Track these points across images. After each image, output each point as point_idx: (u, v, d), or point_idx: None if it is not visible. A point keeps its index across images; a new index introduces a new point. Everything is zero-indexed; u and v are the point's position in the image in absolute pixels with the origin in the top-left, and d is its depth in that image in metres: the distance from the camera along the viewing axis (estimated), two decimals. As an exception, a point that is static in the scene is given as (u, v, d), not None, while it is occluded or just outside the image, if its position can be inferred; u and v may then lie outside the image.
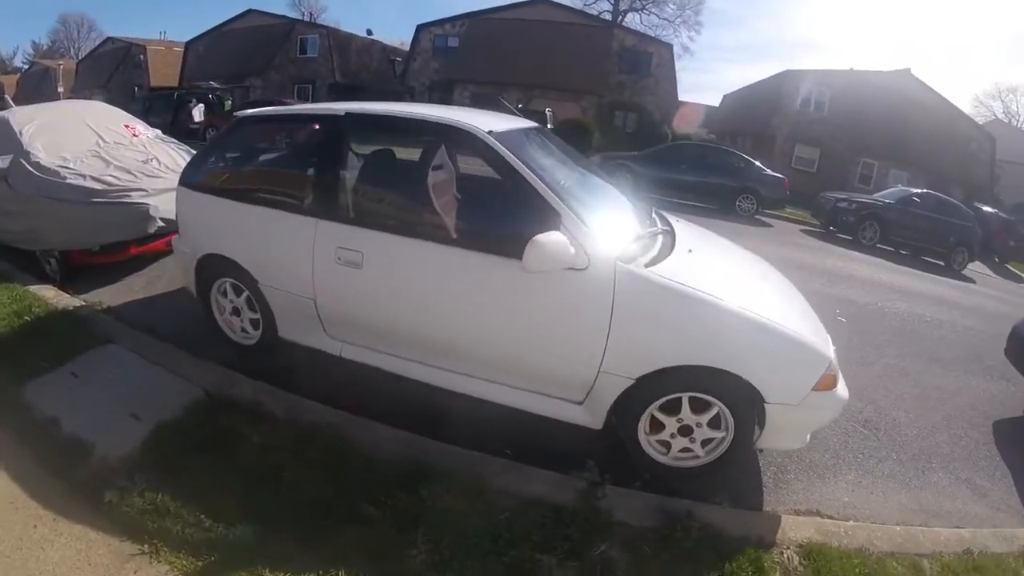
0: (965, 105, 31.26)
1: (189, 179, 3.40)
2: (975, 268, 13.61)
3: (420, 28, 27.96)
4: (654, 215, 3.29)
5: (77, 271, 4.34)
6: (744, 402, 2.35)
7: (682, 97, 27.23)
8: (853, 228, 12.78)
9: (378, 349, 2.94)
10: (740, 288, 2.62)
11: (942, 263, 12.81)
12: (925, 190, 13.99)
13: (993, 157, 24.14)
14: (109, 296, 4.11)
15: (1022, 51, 68.38)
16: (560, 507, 2.17)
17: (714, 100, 33.03)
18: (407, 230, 2.69)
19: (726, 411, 2.40)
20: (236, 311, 3.33)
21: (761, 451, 2.75)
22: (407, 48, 30.45)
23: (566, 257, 2.23)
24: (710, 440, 2.49)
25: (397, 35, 63.57)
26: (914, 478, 3.28)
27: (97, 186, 4.05)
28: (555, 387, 2.57)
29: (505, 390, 2.65)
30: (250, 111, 3.55)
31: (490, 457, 2.55)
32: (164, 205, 4.08)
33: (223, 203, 3.18)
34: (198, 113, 17.42)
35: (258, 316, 3.24)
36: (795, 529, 2.39)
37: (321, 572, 1.86)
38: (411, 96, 28.40)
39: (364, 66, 31.45)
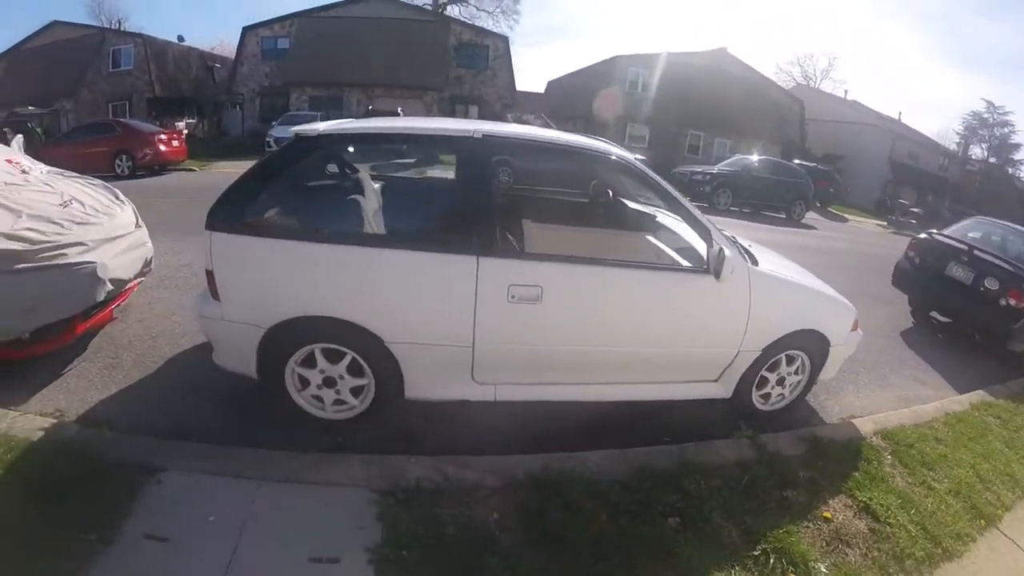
0: (769, 74, 37.49)
1: (237, 220, 2.76)
2: (808, 216, 17.10)
3: (246, 30, 27.06)
4: None
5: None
6: (819, 349, 3.61)
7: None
8: (709, 196, 15.53)
9: (534, 382, 3.10)
10: (796, 271, 3.86)
11: (783, 216, 16.03)
12: (763, 156, 17.27)
13: (802, 118, 30.11)
14: (64, 400, 3.20)
15: (816, 22, 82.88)
16: (759, 460, 3.04)
17: (529, 86, 35.57)
18: (587, 258, 2.98)
19: (806, 358, 3.63)
20: (329, 381, 2.95)
21: (815, 383, 4.03)
22: (222, 53, 29.13)
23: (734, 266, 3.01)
24: (795, 384, 3.71)
25: (206, 40, 59.23)
26: (882, 381, 4.89)
27: (16, 246, 3.06)
28: (698, 372, 3.36)
29: (656, 387, 3.31)
30: (328, 127, 3.07)
31: (676, 447, 3.09)
32: (111, 261, 3.46)
33: (321, 250, 2.76)
34: (17, 145, 15.41)
35: (365, 382, 2.96)
36: (863, 427, 3.73)
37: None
38: (240, 105, 27.27)
39: (183, 75, 29.31)
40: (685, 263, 3.28)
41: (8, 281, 3.01)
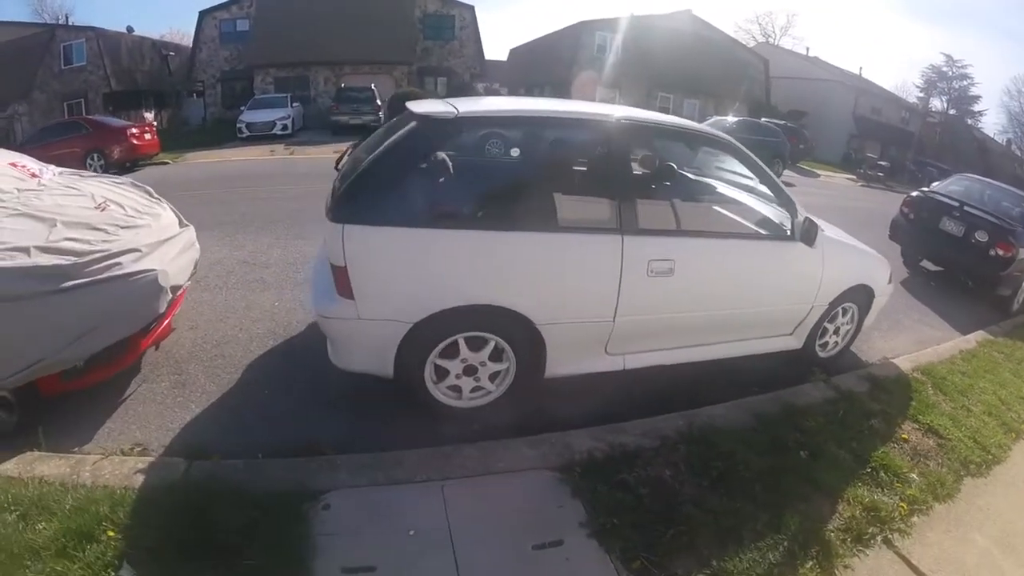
0: (730, 33, 38.21)
1: (372, 211, 2.65)
2: (784, 173, 18.09)
3: (203, 14, 26.41)
4: None
5: (34, 408, 2.80)
6: (866, 301, 4.33)
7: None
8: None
9: (656, 348, 3.43)
10: (843, 234, 4.51)
11: (762, 175, 16.88)
12: (739, 117, 18.02)
13: (767, 76, 31.05)
14: (139, 431, 2.90)
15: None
16: (840, 398, 3.71)
17: (490, 54, 35.48)
18: (708, 232, 3.46)
19: (856, 310, 4.34)
20: (470, 370, 3.01)
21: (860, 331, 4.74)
22: (175, 41, 28.36)
23: None
24: (847, 332, 4.43)
25: (155, 29, 56.90)
26: (898, 327, 5.71)
27: (59, 260, 2.70)
28: (779, 327, 3.90)
29: (748, 343, 3.78)
30: (467, 109, 2.97)
31: (773, 394, 3.64)
32: (170, 268, 3.17)
33: (474, 236, 2.80)
34: None
35: (504, 366, 3.06)
36: (902, 365, 4.50)
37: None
38: (201, 93, 26.70)
39: (138, 67, 28.17)
40: (774, 232, 3.75)
41: (56, 302, 2.60)
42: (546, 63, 30.65)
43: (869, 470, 3.03)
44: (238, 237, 6.47)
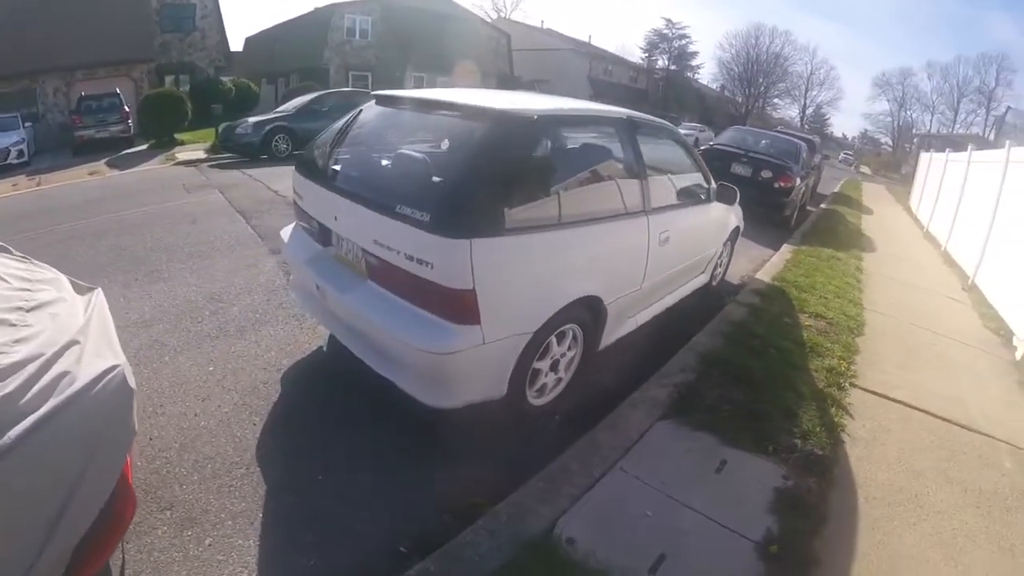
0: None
1: (493, 221, 2.54)
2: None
3: None
4: None
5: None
6: (735, 238, 5.92)
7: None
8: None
9: (648, 304, 4.08)
10: None
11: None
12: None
13: (510, 49, 33.45)
14: None
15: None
16: (753, 309, 5.19)
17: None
18: (681, 203, 4.22)
19: (731, 245, 5.90)
20: (554, 365, 3.21)
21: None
22: None
23: None
24: (726, 263, 5.98)
25: None
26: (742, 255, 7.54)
27: None
28: (700, 269, 5.23)
29: (688, 284, 4.81)
30: (544, 109, 3.05)
31: (716, 318, 4.81)
32: (123, 356, 1.98)
33: (575, 233, 2.97)
34: None
35: (572, 353, 3.32)
36: (763, 278, 6.23)
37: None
38: None
39: None
40: (706, 196, 4.79)
41: (13, 465, 1.44)
42: (291, 50, 29.59)
43: (808, 349, 4.47)
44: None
